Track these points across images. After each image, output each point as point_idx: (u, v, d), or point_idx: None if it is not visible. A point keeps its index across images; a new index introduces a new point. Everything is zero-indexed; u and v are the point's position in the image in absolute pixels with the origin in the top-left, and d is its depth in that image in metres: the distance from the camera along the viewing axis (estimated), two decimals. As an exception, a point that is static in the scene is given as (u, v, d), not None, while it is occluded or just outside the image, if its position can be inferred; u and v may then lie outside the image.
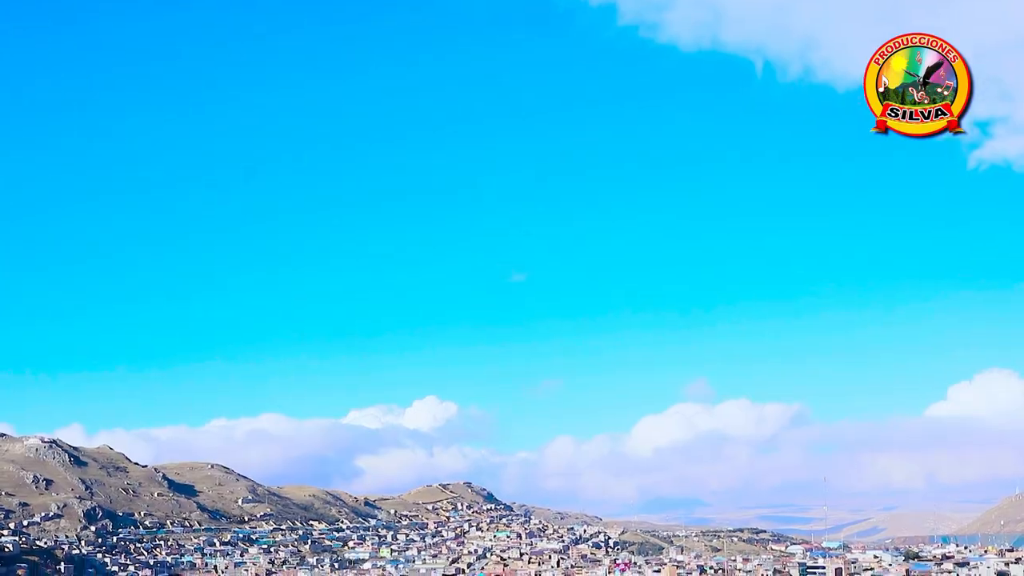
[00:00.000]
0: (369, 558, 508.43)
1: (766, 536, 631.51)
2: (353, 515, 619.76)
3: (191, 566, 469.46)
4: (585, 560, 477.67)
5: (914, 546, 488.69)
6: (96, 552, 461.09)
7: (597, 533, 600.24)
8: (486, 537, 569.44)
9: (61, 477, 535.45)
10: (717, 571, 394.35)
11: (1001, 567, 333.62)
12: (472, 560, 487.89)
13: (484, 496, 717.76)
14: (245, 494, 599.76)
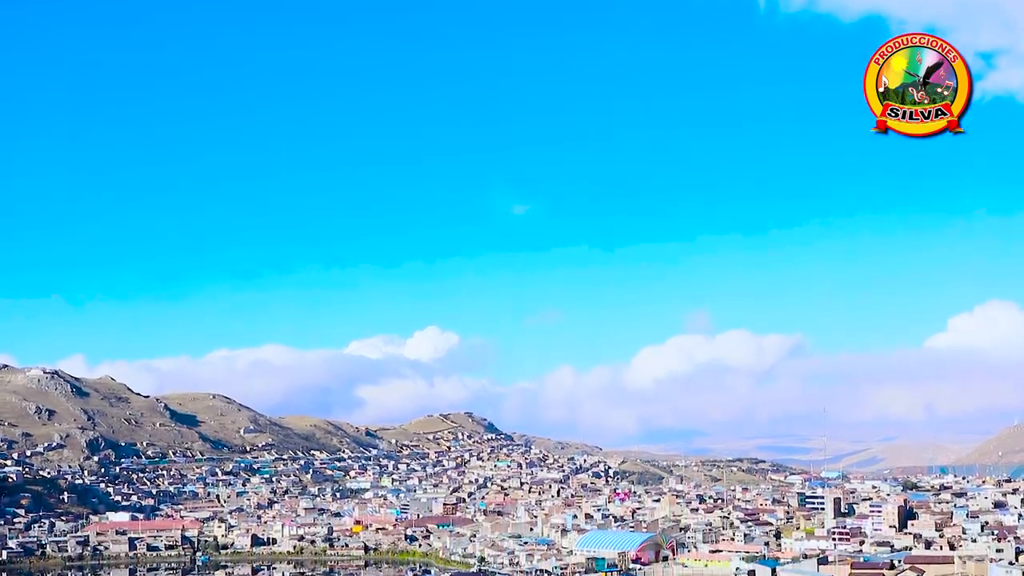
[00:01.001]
0: (370, 487, 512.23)
1: (765, 466, 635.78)
2: (354, 445, 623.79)
3: (193, 495, 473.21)
4: (585, 490, 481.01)
5: (912, 477, 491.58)
6: (99, 482, 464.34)
7: (597, 463, 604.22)
8: (486, 467, 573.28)
9: (63, 408, 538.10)
10: (716, 500, 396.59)
11: (999, 497, 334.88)
12: (473, 489, 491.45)
13: (484, 426, 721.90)
14: (247, 424, 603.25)
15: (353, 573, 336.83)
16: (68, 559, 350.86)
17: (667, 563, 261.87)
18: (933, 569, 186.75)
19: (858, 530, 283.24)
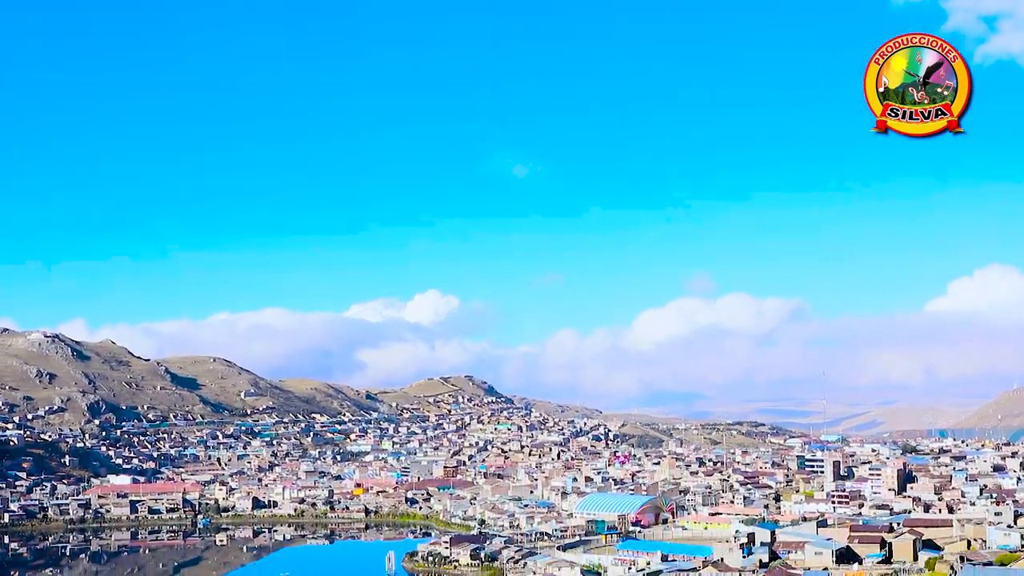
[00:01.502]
0: (371, 450, 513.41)
1: (765, 429, 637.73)
2: (355, 408, 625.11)
3: (194, 458, 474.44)
4: (585, 452, 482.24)
5: (912, 440, 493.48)
6: (100, 445, 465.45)
7: (597, 426, 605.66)
8: (487, 430, 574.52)
9: (64, 371, 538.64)
10: (716, 464, 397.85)
11: (997, 461, 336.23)
12: (473, 452, 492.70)
13: (485, 389, 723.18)
14: (247, 387, 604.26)
15: (354, 535, 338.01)
16: (69, 522, 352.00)
17: (667, 526, 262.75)
18: (932, 532, 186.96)
19: (857, 493, 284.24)
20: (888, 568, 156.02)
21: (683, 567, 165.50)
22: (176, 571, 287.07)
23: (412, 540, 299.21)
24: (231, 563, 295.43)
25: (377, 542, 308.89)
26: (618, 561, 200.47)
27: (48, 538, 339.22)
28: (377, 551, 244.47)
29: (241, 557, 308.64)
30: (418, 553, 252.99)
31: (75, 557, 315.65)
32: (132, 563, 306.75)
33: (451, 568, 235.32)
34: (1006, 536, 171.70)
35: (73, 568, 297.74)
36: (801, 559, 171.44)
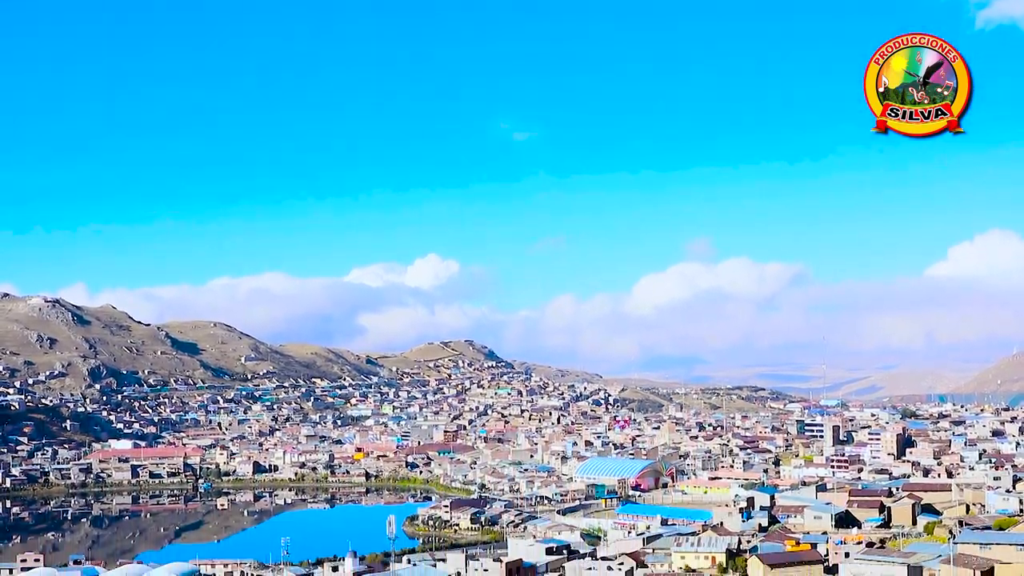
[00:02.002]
0: (371, 415, 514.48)
1: (765, 394, 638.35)
2: (355, 372, 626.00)
3: (195, 423, 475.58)
4: (585, 417, 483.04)
5: (911, 405, 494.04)
6: (101, 410, 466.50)
7: (597, 390, 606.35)
8: (487, 394, 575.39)
9: (65, 336, 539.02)
10: (716, 428, 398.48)
11: (997, 426, 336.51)
12: (473, 417, 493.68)
13: (485, 354, 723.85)
14: (248, 352, 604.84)
15: (354, 500, 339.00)
16: (71, 486, 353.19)
17: (667, 490, 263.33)
18: (931, 496, 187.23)
19: (856, 457, 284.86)
20: (887, 532, 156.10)
21: (683, 531, 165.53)
22: (177, 535, 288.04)
23: (412, 504, 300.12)
24: (232, 527, 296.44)
25: (377, 506, 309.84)
26: (618, 525, 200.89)
27: (49, 502, 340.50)
28: (378, 515, 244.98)
29: (242, 521, 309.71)
30: (419, 517, 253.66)
31: (76, 521, 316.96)
32: (133, 527, 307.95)
33: (451, 532, 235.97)
34: (1005, 501, 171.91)
35: (75, 532, 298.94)
36: (800, 523, 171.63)
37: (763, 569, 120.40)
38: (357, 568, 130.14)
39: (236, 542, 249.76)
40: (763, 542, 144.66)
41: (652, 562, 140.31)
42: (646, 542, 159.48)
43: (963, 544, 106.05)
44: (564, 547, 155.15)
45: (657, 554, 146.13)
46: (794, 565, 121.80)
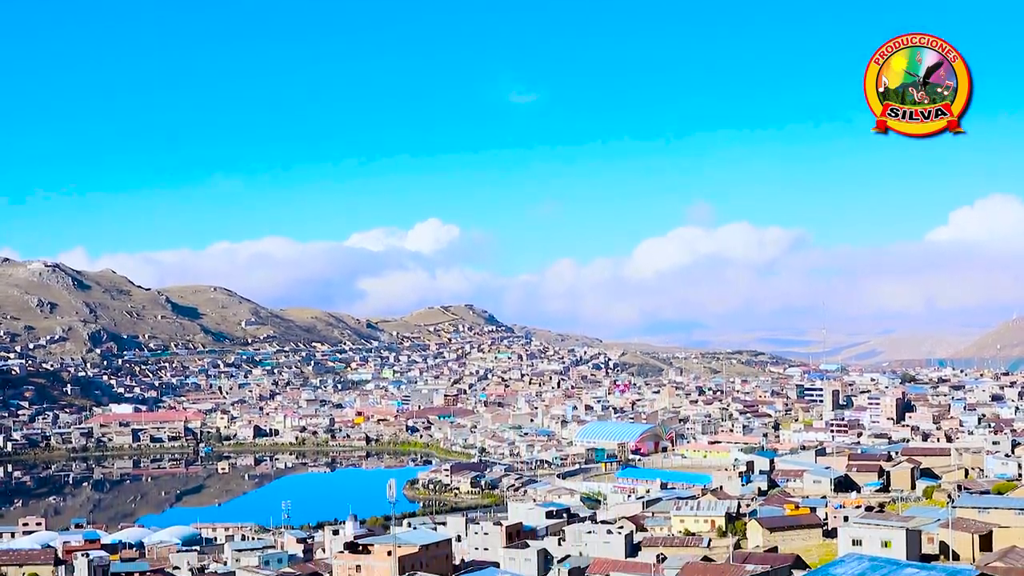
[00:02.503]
0: (371, 379, 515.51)
1: (764, 358, 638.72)
2: (355, 337, 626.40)
3: (195, 387, 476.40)
4: (585, 381, 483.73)
5: (911, 369, 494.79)
6: (101, 374, 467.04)
7: (597, 355, 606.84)
8: (487, 358, 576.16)
9: (65, 301, 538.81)
10: (716, 392, 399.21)
11: (996, 390, 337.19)
12: (473, 381, 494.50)
13: (485, 318, 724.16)
14: (248, 316, 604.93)
15: (355, 463, 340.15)
16: (72, 450, 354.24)
17: (666, 454, 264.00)
18: (930, 460, 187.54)
19: (856, 422, 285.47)
20: (886, 496, 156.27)
21: (682, 495, 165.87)
22: (178, 499, 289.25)
23: (413, 468, 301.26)
24: (233, 491, 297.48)
25: (378, 470, 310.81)
26: (617, 489, 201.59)
27: (51, 466, 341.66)
28: (378, 479, 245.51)
29: (243, 485, 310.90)
30: (419, 481, 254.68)
31: (78, 485, 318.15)
32: (134, 491, 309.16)
33: (452, 496, 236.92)
34: (1004, 465, 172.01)
35: (76, 496, 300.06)
36: (800, 487, 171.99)
37: (762, 533, 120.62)
38: (357, 531, 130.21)
39: (237, 506, 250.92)
40: (762, 506, 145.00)
41: (652, 525, 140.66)
42: (646, 506, 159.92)
43: (962, 508, 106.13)
44: (564, 511, 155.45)
45: (657, 518, 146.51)
46: (793, 529, 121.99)
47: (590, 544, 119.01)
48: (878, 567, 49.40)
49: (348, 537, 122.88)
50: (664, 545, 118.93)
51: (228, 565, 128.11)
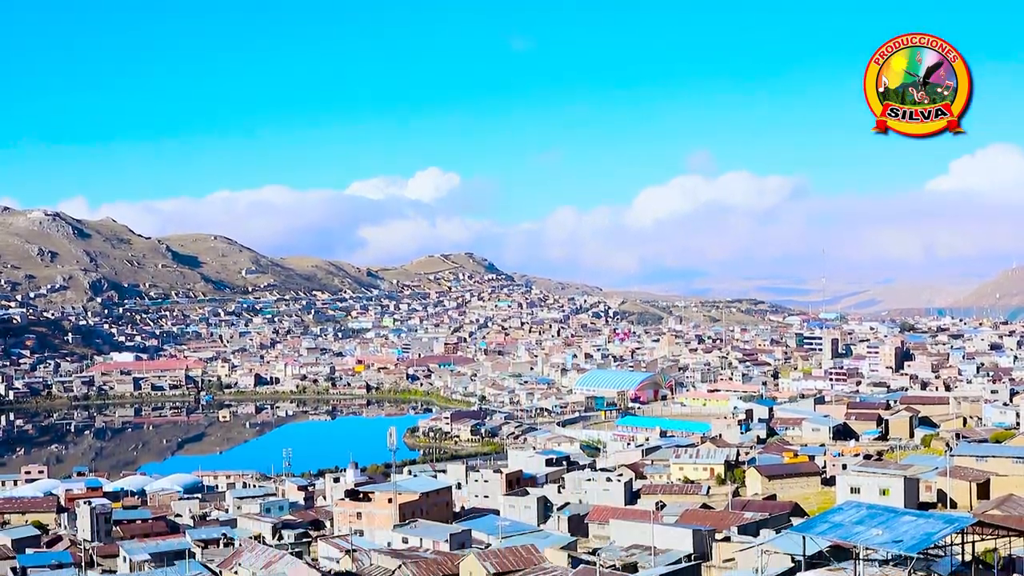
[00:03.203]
0: (372, 327, 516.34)
1: (764, 307, 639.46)
2: (355, 285, 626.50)
3: (196, 336, 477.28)
4: (585, 329, 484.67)
5: (910, 318, 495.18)
6: (102, 323, 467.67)
7: (597, 303, 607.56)
8: (487, 307, 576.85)
9: (65, 250, 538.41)
10: (715, 341, 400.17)
11: (995, 340, 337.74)
12: (473, 329, 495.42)
13: (485, 266, 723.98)
14: (248, 265, 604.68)
15: (355, 412, 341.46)
16: (73, 399, 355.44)
17: (666, 402, 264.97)
18: (928, 409, 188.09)
19: (855, 371, 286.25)
20: (884, 444, 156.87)
21: (681, 443, 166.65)
22: (180, 447, 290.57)
23: (413, 416, 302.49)
24: (234, 439, 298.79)
25: (378, 418, 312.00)
26: (617, 437, 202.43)
27: (53, 415, 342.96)
28: (378, 427, 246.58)
29: (244, 433, 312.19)
30: (419, 429, 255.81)
31: (80, 433, 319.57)
32: (136, 439, 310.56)
33: (452, 443, 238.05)
34: (1002, 414, 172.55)
35: (78, 444, 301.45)
36: (798, 435, 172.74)
37: (761, 481, 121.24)
38: (358, 479, 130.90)
39: (238, 454, 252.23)
40: (761, 454, 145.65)
41: (651, 473, 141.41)
42: (645, 454, 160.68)
43: (960, 457, 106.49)
44: (563, 458, 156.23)
45: (656, 465, 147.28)
46: (792, 477, 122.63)
47: (589, 492, 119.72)
48: (876, 515, 49.57)
49: (349, 485, 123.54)
50: (663, 493, 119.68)
51: (230, 512, 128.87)
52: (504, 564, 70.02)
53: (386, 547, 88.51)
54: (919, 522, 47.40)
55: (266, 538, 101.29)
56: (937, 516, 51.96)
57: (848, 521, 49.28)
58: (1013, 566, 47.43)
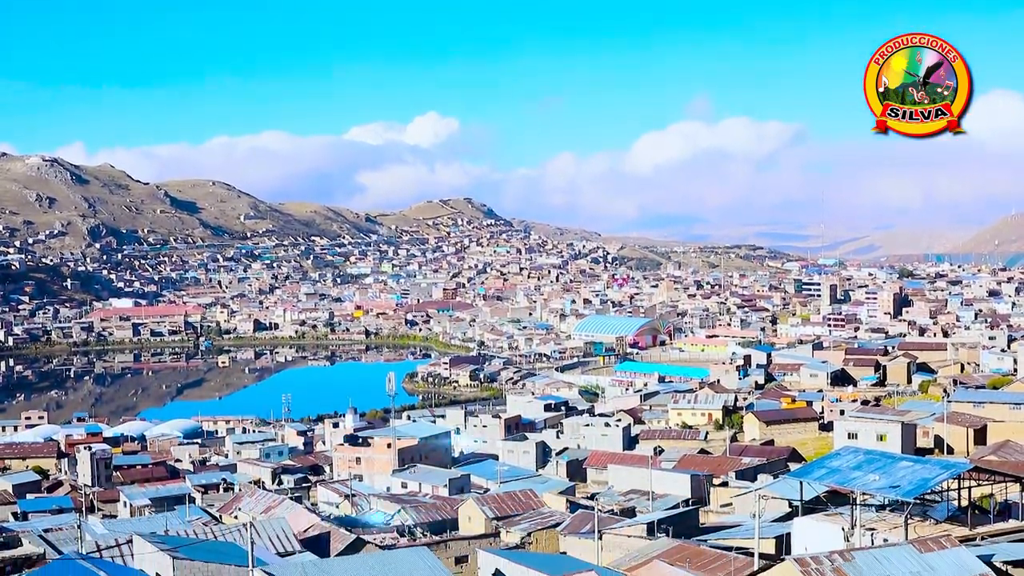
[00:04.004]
0: (370, 273, 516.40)
1: (763, 253, 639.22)
2: (354, 231, 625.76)
3: (195, 282, 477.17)
4: (584, 275, 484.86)
5: (908, 264, 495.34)
6: (101, 269, 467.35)
7: (596, 248, 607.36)
8: (486, 252, 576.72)
9: (64, 195, 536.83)
10: (714, 287, 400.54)
11: (993, 286, 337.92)
12: (472, 275, 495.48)
13: (484, 212, 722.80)
14: (247, 211, 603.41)
15: (354, 357, 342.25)
16: (73, 344, 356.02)
17: (664, 348, 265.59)
18: (926, 355, 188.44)
19: (853, 316, 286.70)
20: (882, 390, 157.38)
21: (680, 388, 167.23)
22: (179, 392, 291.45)
23: (412, 361, 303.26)
24: (233, 384, 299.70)
25: (377, 363, 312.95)
26: (615, 382, 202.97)
27: (52, 361, 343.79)
28: (377, 372, 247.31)
29: (243, 378, 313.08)
30: (418, 374, 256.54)
31: (79, 379, 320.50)
32: (135, 385, 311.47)
33: (451, 388, 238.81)
34: (999, 360, 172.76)
35: (77, 390, 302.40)
36: (796, 381, 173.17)
37: (759, 426, 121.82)
38: (357, 424, 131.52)
39: (237, 399, 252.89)
40: (759, 399, 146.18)
41: (649, 419, 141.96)
42: (643, 399, 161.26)
43: (957, 403, 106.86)
44: (562, 404, 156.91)
45: (654, 411, 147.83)
46: (789, 422, 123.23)
47: (588, 437, 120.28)
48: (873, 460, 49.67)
49: (348, 430, 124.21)
50: (661, 438, 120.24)
51: (229, 458, 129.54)
52: (503, 509, 70.48)
53: (385, 492, 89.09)
54: (916, 468, 47.51)
55: (266, 483, 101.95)
56: (934, 462, 52.10)
57: (845, 466, 49.41)
58: (1009, 511, 47.64)
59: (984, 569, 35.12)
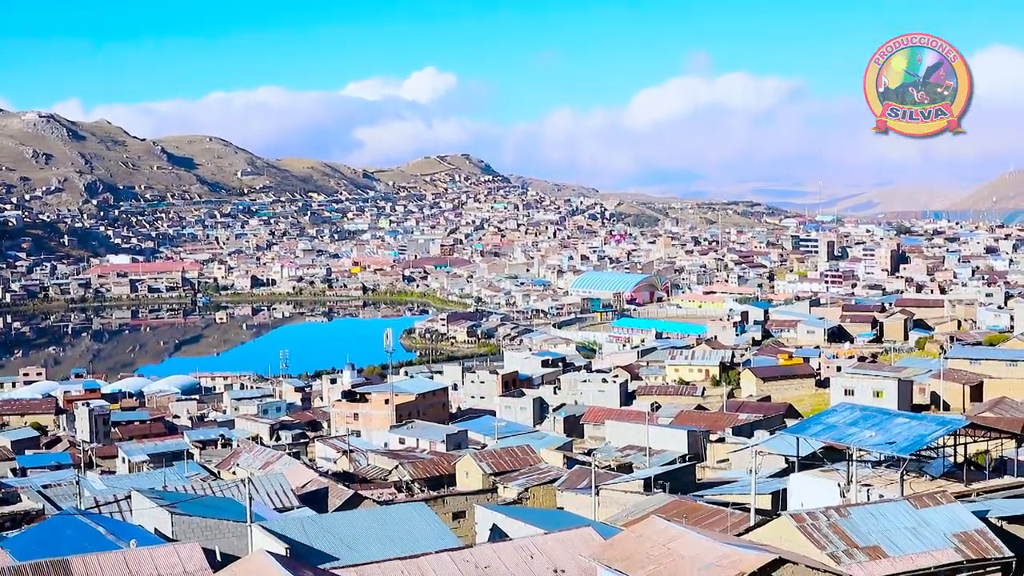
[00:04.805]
0: (368, 229, 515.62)
1: (761, 209, 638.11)
2: (352, 187, 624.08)
3: (192, 238, 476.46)
4: (581, 231, 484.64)
5: (906, 221, 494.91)
6: (98, 225, 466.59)
7: (593, 205, 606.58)
8: (484, 208, 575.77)
9: (60, 152, 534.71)
10: (711, 243, 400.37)
11: (991, 243, 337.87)
12: (470, 231, 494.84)
13: (482, 168, 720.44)
14: (244, 167, 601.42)
15: (352, 313, 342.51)
16: (70, 301, 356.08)
17: (661, 304, 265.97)
18: (923, 312, 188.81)
19: (851, 273, 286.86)
20: (879, 347, 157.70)
21: (677, 344, 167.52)
22: (177, 348, 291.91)
23: (409, 317, 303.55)
24: (231, 340, 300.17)
25: (375, 320, 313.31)
26: (613, 338, 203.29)
27: (50, 317, 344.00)
28: (375, 328, 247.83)
29: (241, 334, 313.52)
30: (415, 330, 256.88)
31: (77, 336, 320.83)
32: (133, 341, 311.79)
33: (448, 345, 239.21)
34: (996, 317, 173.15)
35: (75, 346, 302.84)
36: (793, 337, 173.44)
37: (756, 382, 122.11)
38: (355, 380, 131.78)
39: (235, 355, 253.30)
40: (756, 356, 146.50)
41: (646, 375, 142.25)
42: (640, 355, 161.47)
43: (953, 359, 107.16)
44: (559, 360, 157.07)
45: (651, 367, 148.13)
46: (786, 378, 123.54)
47: (585, 393, 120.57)
48: (869, 416, 49.75)
49: (346, 386, 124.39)
50: (659, 394, 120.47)
51: (227, 414, 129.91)
52: (500, 464, 70.73)
53: (383, 448, 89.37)
54: (912, 424, 47.60)
55: (264, 439, 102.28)
56: (930, 418, 52.23)
57: (842, 423, 49.49)
58: (1004, 467, 47.85)
59: (979, 525, 35.26)
